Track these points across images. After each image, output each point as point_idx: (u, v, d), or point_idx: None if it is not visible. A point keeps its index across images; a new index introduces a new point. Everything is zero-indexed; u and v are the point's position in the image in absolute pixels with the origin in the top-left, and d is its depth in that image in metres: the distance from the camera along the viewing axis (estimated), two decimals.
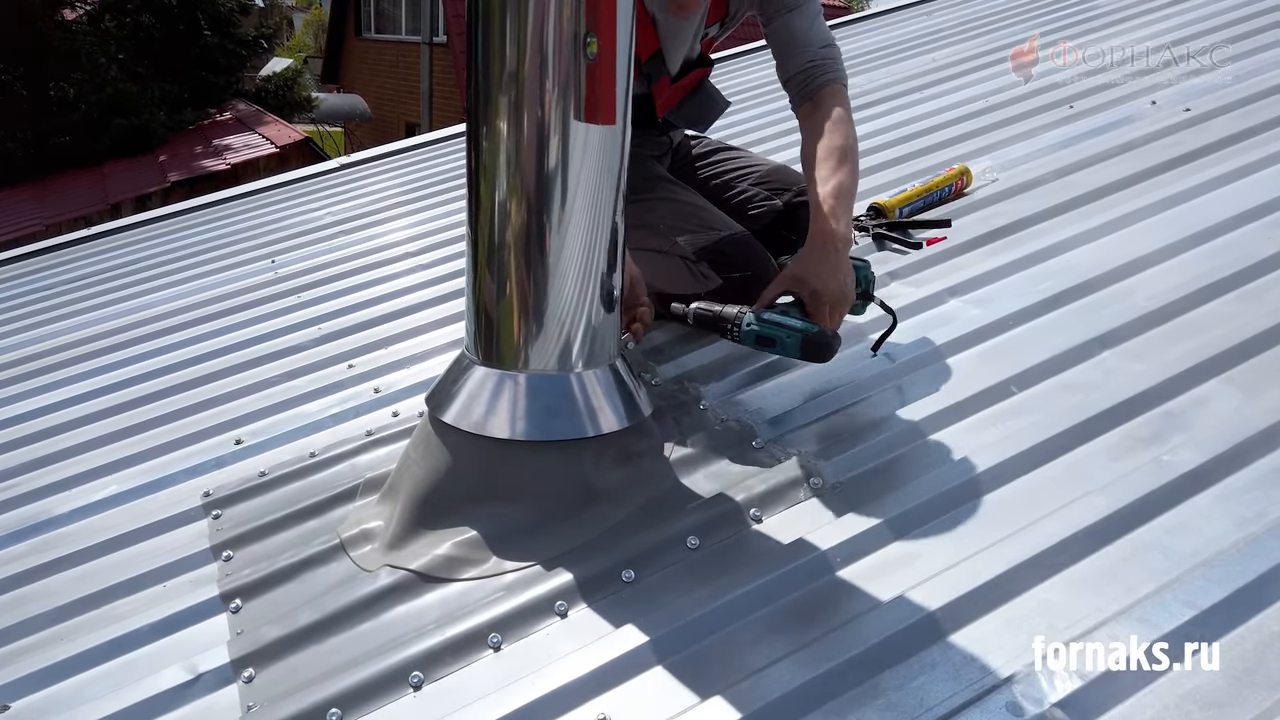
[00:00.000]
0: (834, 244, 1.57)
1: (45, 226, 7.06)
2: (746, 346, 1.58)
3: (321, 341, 2.38)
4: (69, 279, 3.48)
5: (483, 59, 1.30)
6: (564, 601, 1.27)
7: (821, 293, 1.54)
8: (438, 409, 1.49)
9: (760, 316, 1.54)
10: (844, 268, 1.57)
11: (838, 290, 1.54)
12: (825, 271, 1.55)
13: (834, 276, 1.55)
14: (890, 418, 1.52)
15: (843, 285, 1.55)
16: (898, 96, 3.45)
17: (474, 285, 1.45)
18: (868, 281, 1.69)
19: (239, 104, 10.98)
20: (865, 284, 1.68)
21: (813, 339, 1.50)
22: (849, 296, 1.57)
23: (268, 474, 1.75)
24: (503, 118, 1.30)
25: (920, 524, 1.29)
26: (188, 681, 1.27)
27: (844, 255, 1.57)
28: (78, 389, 2.36)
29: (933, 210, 2.34)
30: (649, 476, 1.48)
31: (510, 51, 1.27)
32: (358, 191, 3.95)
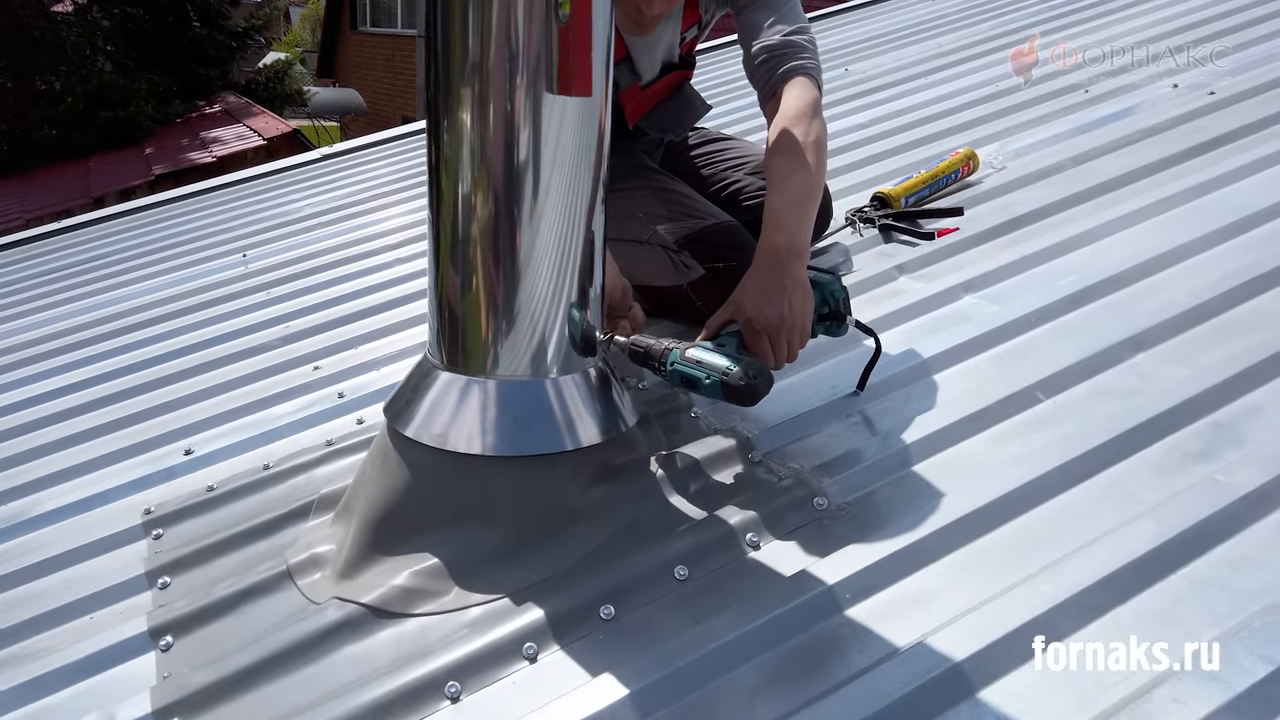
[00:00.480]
0: (776, 260, 1.36)
1: (26, 220, 6.88)
2: (676, 387, 1.35)
3: (287, 341, 2.22)
4: (27, 275, 3.31)
5: (443, 43, 1.16)
6: (533, 644, 1.11)
7: (754, 320, 1.34)
8: (396, 420, 1.32)
9: (684, 353, 1.29)
10: (786, 289, 1.34)
11: (775, 317, 1.32)
12: (761, 294, 1.34)
13: (771, 300, 1.33)
14: (903, 429, 1.36)
15: (783, 311, 1.32)
16: (902, 82, 3.29)
17: (437, 280, 1.29)
18: (836, 299, 1.44)
19: (228, 96, 10.80)
20: (834, 302, 1.44)
21: (730, 382, 1.24)
22: (795, 323, 1.34)
23: (216, 488, 1.59)
24: (466, 106, 1.16)
25: (939, 554, 1.13)
26: None
27: (790, 273, 1.35)
28: (21, 393, 2.20)
29: (942, 199, 2.17)
30: (632, 495, 1.32)
31: (474, 38, 1.13)
32: (340, 182, 3.78)
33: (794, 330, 1.34)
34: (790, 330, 1.34)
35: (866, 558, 1.13)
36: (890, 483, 1.27)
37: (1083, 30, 3.31)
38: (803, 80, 1.56)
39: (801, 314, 1.35)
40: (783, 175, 1.47)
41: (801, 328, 1.35)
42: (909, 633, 1.01)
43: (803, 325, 1.35)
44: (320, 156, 4.27)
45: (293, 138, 8.36)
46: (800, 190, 1.44)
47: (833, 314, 1.44)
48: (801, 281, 1.36)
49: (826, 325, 1.45)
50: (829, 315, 1.44)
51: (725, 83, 3.89)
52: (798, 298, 1.34)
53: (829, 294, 1.43)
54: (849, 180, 2.39)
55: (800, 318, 1.35)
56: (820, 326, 1.45)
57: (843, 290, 1.45)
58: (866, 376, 1.47)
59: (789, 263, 1.36)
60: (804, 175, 1.45)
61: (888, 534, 1.16)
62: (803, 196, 1.44)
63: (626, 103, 1.86)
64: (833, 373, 1.53)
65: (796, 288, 1.35)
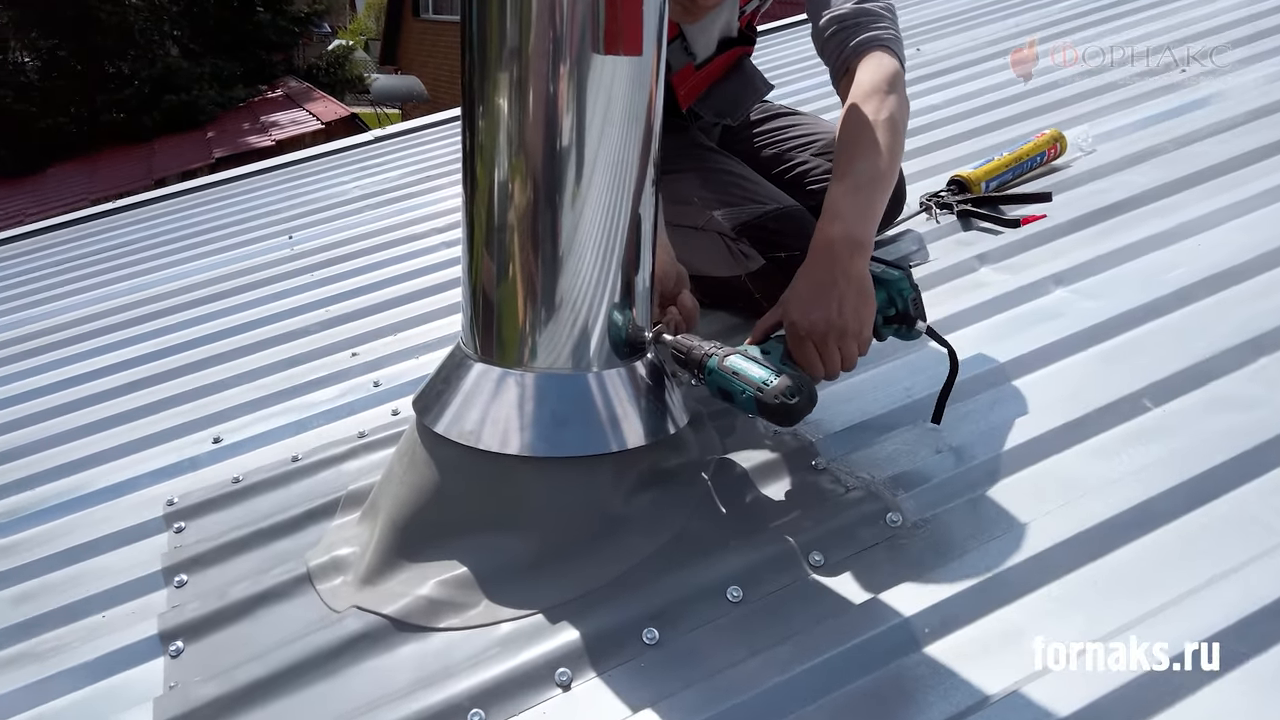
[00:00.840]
0: (828, 254, 1.19)
1: (91, 202, 6.97)
2: (714, 397, 1.21)
3: (327, 325, 2.13)
4: (76, 256, 3.29)
5: (479, 26, 1.05)
6: (567, 669, 0.99)
7: (798, 324, 1.18)
8: (425, 414, 1.21)
9: (722, 361, 1.15)
10: (838, 288, 1.17)
11: (822, 321, 1.16)
12: (808, 295, 1.19)
13: (819, 302, 1.16)
14: (988, 438, 1.21)
15: (830, 314, 1.16)
16: (978, 62, 3.09)
17: (471, 267, 1.18)
18: (904, 299, 1.25)
19: (290, 81, 10.88)
20: (902, 302, 1.25)
21: (765, 399, 1.10)
22: (847, 328, 1.16)
23: (242, 480, 1.51)
24: (503, 91, 1.06)
25: (1034, 585, 0.98)
26: None
27: (845, 269, 1.18)
28: (53, 376, 2.14)
29: (1026, 183, 2.00)
30: (681, 504, 1.19)
31: (512, 20, 1.02)
32: (391, 165, 3.70)
33: (845, 336, 1.17)
34: (840, 336, 1.16)
35: (948, 586, 0.99)
36: (973, 499, 1.12)
37: (1154, 14, 3.09)
38: (879, 53, 1.39)
39: (855, 317, 1.17)
40: (847, 159, 1.30)
41: (854, 332, 1.17)
42: (1001, 679, 0.87)
43: (855, 329, 1.17)
44: (372, 139, 4.20)
45: (350, 121, 8.36)
46: (865, 175, 1.27)
47: (900, 316, 1.25)
48: (859, 279, 1.18)
49: (895, 328, 1.27)
50: (896, 318, 1.25)
51: (793, 61, 3.72)
52: (851, 298, 1.17)
53: (895, 293, 1.24)
54: (923, 163, 2.22)
55: (854, 321, 1.17)
56: (888, 329, 1.27)
57: (913, 289, 1.25)
58: (943, 404, 1.26)
59: (843, 257, 1.19)
60: (871, 158, 1.28)
61: (972, 559, 1.02)
62: (867, 182, 1.26)
63: (680, 85, 1.72)
64: (908, 372, 1.38)
65: (851, 286, 1.17)
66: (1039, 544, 1.02)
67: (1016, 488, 1.12)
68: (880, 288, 1.22)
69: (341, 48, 12.55)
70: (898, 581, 1.01)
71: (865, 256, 1.21)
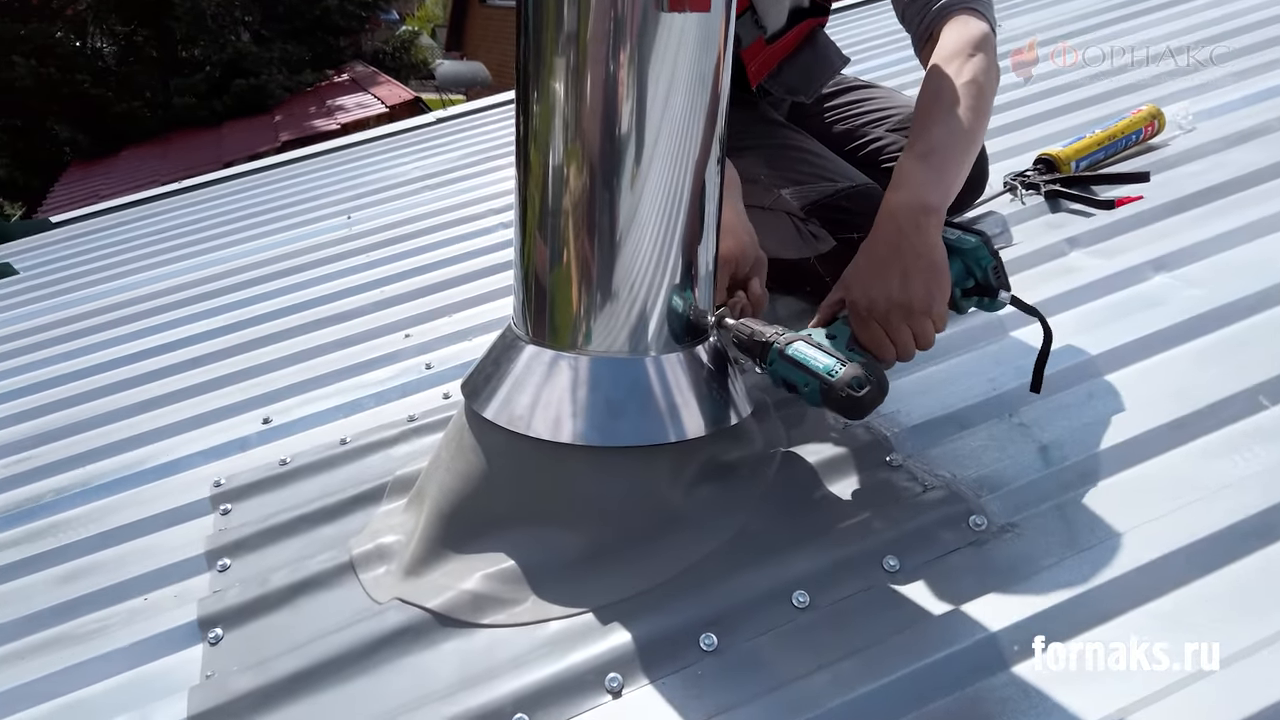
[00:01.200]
0: (892, 225, 1.08)
1: (162, 183, 7.11)
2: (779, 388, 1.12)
3: (381, 306, 2.09)
4: (140, 235, 3.32)
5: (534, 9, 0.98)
6: (618, 674, 0.92)
7: (858, 303, 1.08)
8: (474, 398, 1.15)
9: (784, 349, 1.06)
10: (903, 260, 1.06)
11: (883, 299, 1.05)
12: (868, 270, 1.08)
13: (880, 278, 1.06)
14: (1083, 435, 1.10)
15: (891, 290, 1.05)
16: (1064, 38, 2.92)
17: (524, 250, 1.11)
18: (983, 268, 1.12)
19: (356, 66, 10.98)
20: (980, 272, 1.12)
21: (830, 390, 1.01)
22: (913, 304, 1.05)
23: (289, 462, 1.46)
24: (559, 75, 0.99)
25: (1138, 599, 0.88)
26: None
27: (910, 241, 1.06)
28: (106, 355, 2.14)
29: (1119, 163, 1.87)
30: (743, 500, 1.11)
31: None
32: (451, 146, 3.67)
33: (911, 314, 1.05)
34: (907, 314, 1.05)
35: (1039, 598, 0.89)
36: (1067, 501, 1.02)
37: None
38: (965, 15, 1.27)
39: (924, 293, 1.05)
40: (921, 126, 1.18)
41: (923, 309, 1.05)
42: (1103, 705, 0.78)
43: (924, 305, 1.05)
44: (434, 120, 4.17)
45: (414, 105, 8.39)
46: (941, 139, 1.14)
47: (979, 288, 1.13)
48: (927, 250, 1.07)
49: (976, 300, 1.16)
50: (975, 289, 1.13)
51: (875, 36, 3.58)
52: (919, 272, 1.06)
53: (973, 262, 1.12)
54: (1006, 141, 2.09)
55: (921, 298, 1.05)
56: (968, 301, 1.15)
57: (991, 258, 1.12)
58: (1041, 372, 1.13)
59: (909, 227, 1.07)
60: (948, 122, 1.15)
61: (1067, 568, 0.92)
62: (941, 147, 1.14)
63: (750, 61, 1.63)
64: (992, 361, 1.28)
65: (918, 260, 1.06)
66: (1143, 554, 0.91)
67: (1116, 491, 1.02)
68: (955, 257, 1.10)
69: (407, 33, 12.63)
70: (982, 592, 0.92)
71: (935, 224, 1.08)
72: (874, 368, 1.03)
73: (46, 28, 9.63)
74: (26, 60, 8.96)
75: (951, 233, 1.12)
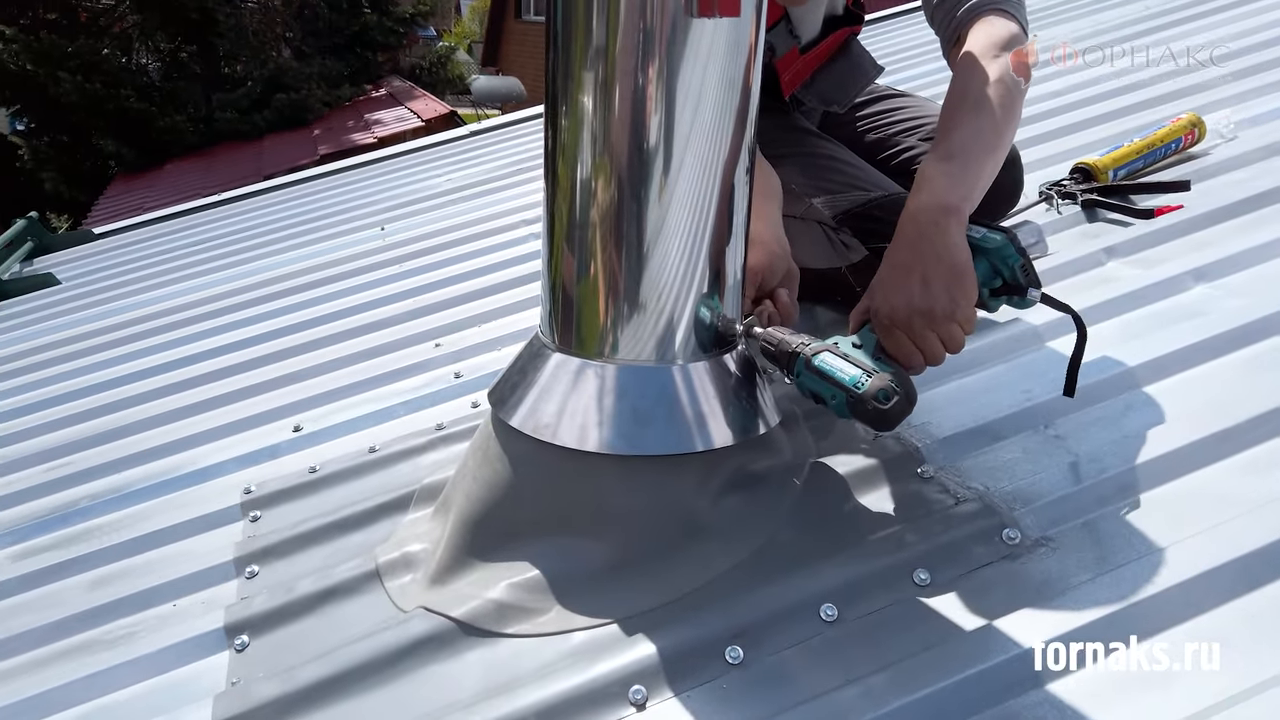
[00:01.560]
0: (913, 229, 1.06)
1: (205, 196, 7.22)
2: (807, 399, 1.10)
3: (412, 316, 2.10)
4: (182, 246, 3.38)
5: (564, 22, 0.98)
6: (642, 686, 0.91)
7: (880, 311, 1.06)
8: (500, 406, 1.15)
9: (810, 361, 1.05)
10: (923, 264, 1.04)
11: (904, 305, 1.03)
12: (889, 277, 1.06)
13: (899, 285, 1.04)
14: (1120, 447, 1.08)
15: (912, 297, 1.03)
16: (1104, 46, 2.88)
17: (551, 261, 1.11)
18: (1010, 267, 1.09)
19: (394, 81, 11.12)
20: (1008, 271, 1.09)
21: (858, 401, 1.00)
22: (935, 309, 1.03)
23: (319, 470, 1.47)
24: (588, 89, 0.99)
25: (1179, 617, 0.85)
26: None
27: (932, 243, 1.04)
28: (140, 364, 2.17)
29: (1158, 172, 1.83)
30: (771, 511, 1.09)
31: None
32: (484, 158, 3.69)
33: (935, 320, 1.03)
34: (931, 321, 1.03)
35: (1076, 614, 0.87)
36: (1104, 516, 0.99)
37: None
38: (993, 16, 1.24)
39: (946, 298, 1.03)
40: (945, 127, 1.15)
41: (946, 314, 1.03)
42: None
43: (947, 311, 1.03)
44: (467, 133, 4.20)
45: (449, 118, 8.47)
46: (963, 140, 1.11)
47: (1008, 286, 1.09)
48: (948, 252, 1.04)
49: (1004, 300, 1.13)
50: (1003, 289, 1.10)
51: (911, 46, 3.56)
52: (939, 276, 1.03)
53: (1000, 261, 1.08)
54: (1043, 150, 2.06)
55: (944, 303, 1.03)
56: (997, 301, 1.12)
57: (1018, 255, 1.08)
58: (1075, 373, 1.11)
59: (929, 229, 1.05)
60: (971, 123, 1.12)
61: (1104, 584, 0.90)
62: (962, 149, 1.11)
63: (783, 71, 1.61)
64: (1026, 372, 1.25)
65: (938, 264, 1.03)
66: (1182, 571, 0.89)
67: (1155, 505, 0.99)
68: (980, 257, 1.08)
69: (444, 48, 12.78)
70: (1015, 607, 0.90)
71: (956, 225, 1.05)
72: (902, 378, 1.01)
73: (94, 44, 9.86)
74: (73, 76, 9.18)
75: (976, 231, 1.09)
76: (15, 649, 1.23)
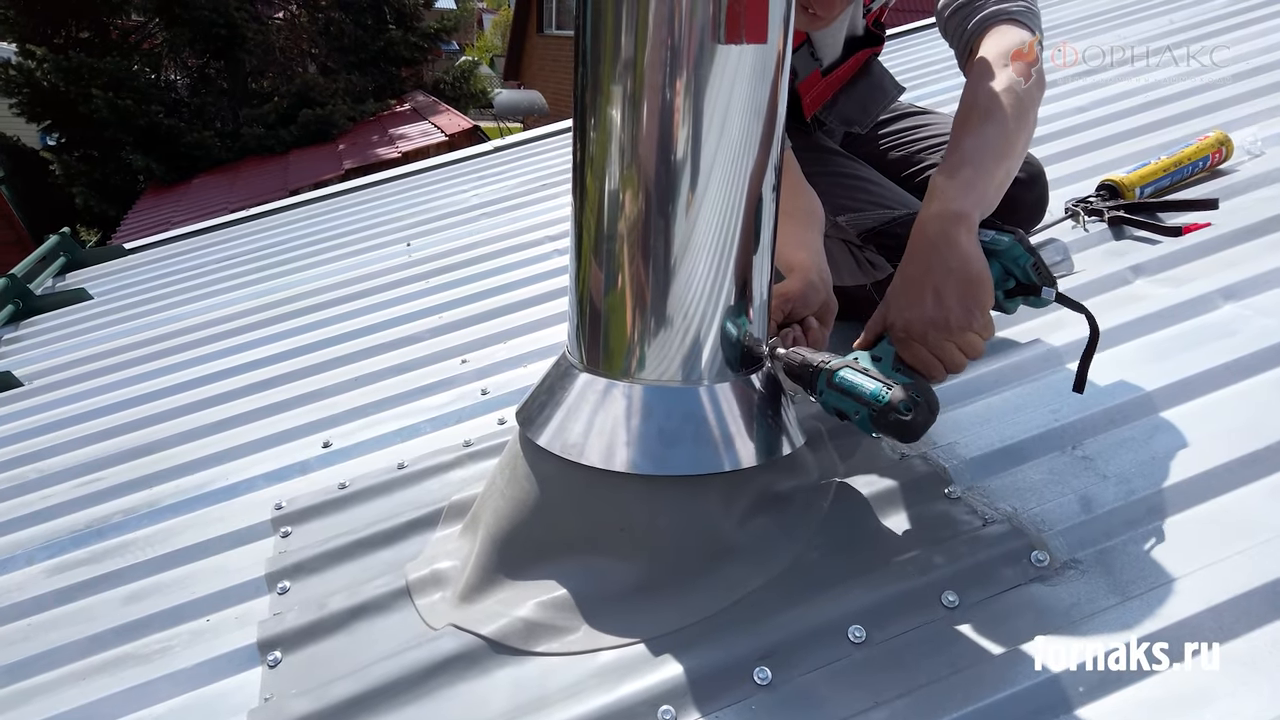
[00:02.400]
0: (922, 240, 1.07)
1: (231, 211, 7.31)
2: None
3: (439, 333, 2.12)
4: (210, 261, 3.42)
5: (592, 39, 1.00)
6: (670, 707, 0.91)
7: (896, 324, 1.07)
8: (528, 425, 1.16)
9: (831, 378, 1.05)
10: (933, 276, 1.05)
11: (918, 317, 1.05)
12: (902, 289, 1.07)
13: (912, 298, 1.05)
14: (1149, 469, 1.07)
15: (925, 308, 1.04)
16: (1129, 61, 2.87)
17: (579, 275, 1.12)
18: (1021, 267, 1.10)
19: (418, 95, 11.21)
20: (1020, 271, 1.10)
21: (880, 414, 0.99)
22: (950, 319, 1.04)
23: (348, 486, 1.49)
24: (616, 103, 1.00)
25: (1209, 640, 0.85)
26: None
27: (941, 254, 1.05)
28: (170, 380, 2.20)
29: (1186, 189, 1.82)
30: (797, 531, 1.10)
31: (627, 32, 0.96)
32: (508, 174, 3.72)
33: (949, 329, 1.04)
34: (946, 329, 1.04)
35: (1107, 637, 0.87)
36: (1134, 538, 0.99)
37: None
38: (1005, 25, 1.24)
39: (960, 309, 1.03)
40: (955, 138, 1.15)
41: (960, 325, 1.04)
42: None
43: (961, 322, 1.04)
44: (491, 149, 4.23)
45: (473, 133, 8.53)
46: (972, 149, 1.11)
47: (1021, 287, 1.11)
48: (960, 263, 1.04)
49: (1020, 300, 1.14)
50: (1017, 289, 1.11)
51: (930, 63, 3.56)
52: (951, 287, 1.03)
53: (1010, 262, 1.09)
54: (1069, 167, 2.06)
55: (958, 314, 1.03)
56: (1013, 302, 1.13)
57: (1029, 255, 1.10)
58: (1085, 371, 1.10)
59: (939, 240, 1.05)
60: (981, 131, 1.12)
61: (1133, 608, 0.90)
62: (973, 155, 1.10)
63: (805, 93, 1.62)
64: (1053, 394, 1.25)
65: (949, 275, 1.04)
66: (1214, 595, 0.88)
67: (1184, 528, 0.98)
68: (993, 260, 1.08)
69: (467, 63, 12.85)
70: (1044, 631, 0.90)
71: (967, 233, 1.05)
72: (923, 388, 1.01)
73: (123, 61, 10.02)
74: (104, 93, 9.33)
75: (985, 234, 1.10)
76: (52, 663, 1.25)
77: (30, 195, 11.72)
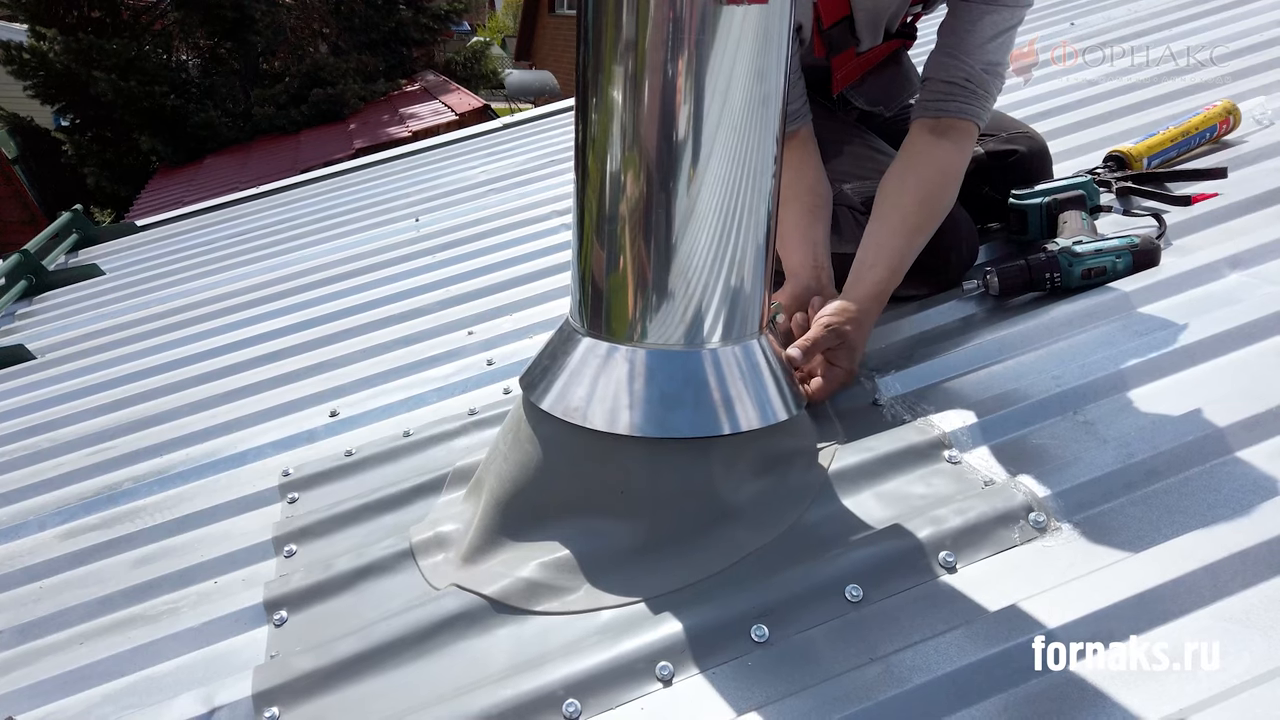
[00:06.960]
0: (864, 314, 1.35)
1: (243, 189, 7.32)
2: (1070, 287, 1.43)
3: (445, 305, 2.13)
4: (222, 238, 3.44)
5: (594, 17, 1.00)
6: (668, 663, 0.92)
7: (853, 348, 1.33)
8: (531, 390, 1.17)
9: (1071, 249, 1.42)
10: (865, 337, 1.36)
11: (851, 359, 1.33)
12: (859, 340, 1.33)
13: (859, 346, 1.34)
14: (1151, 432, 1.07)
15: (856, 357, 1.34)
16: (1138, 35, 2.85)
17: (581, 252, 1.12)
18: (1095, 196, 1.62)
19: (428, 75, 11.20)
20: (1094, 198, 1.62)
21: (1143, 246, 1.42)
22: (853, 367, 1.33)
23: (354, 453, 1.50)
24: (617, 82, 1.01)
25: (1205, 599, 0.85)
26: (199, 718, 1.01)
27: (867, 327, 1.36)
28: (183, 352, 2.23)
29: (1194, 159, 1.81)
30: (797, 493, 1.10)
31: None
32: (517, 151, 3.72)
33: (835, 385, 1.33)
34: (834, 384, 1.32)
35: (1102, 595, 0.87)
36: (1133, 500, 0.99)
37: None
38: (969, 130, 1.44)
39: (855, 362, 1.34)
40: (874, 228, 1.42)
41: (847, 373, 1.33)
42: (1165, 705, 0.76)
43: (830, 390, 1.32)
44: (500, 126, 4.23)
45: (483, 112, 8.52)
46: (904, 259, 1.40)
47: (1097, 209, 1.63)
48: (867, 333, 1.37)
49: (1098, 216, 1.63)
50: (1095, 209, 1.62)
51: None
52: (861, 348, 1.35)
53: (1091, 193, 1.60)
54: (1076, 139, 2.05)
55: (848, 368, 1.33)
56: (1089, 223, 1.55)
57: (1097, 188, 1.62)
58: None
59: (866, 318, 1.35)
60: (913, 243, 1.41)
61: (1130, 567, 0.90)
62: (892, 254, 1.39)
63: (838, 68, 1.64)
64: (1054, 361, 1.25)
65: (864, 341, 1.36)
66: (1210, 553, 0.88)
67: (1183, 489, 0.99)
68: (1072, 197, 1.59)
69: (478, 44, 12.83)
70: (1041, 589, 0.90)
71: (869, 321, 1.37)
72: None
73: (133, 42, 10.03)
74: (108, 75, 9.33)
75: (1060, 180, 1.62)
76: (64, 623, 1.27)
77: (45, 176, 11.78)
